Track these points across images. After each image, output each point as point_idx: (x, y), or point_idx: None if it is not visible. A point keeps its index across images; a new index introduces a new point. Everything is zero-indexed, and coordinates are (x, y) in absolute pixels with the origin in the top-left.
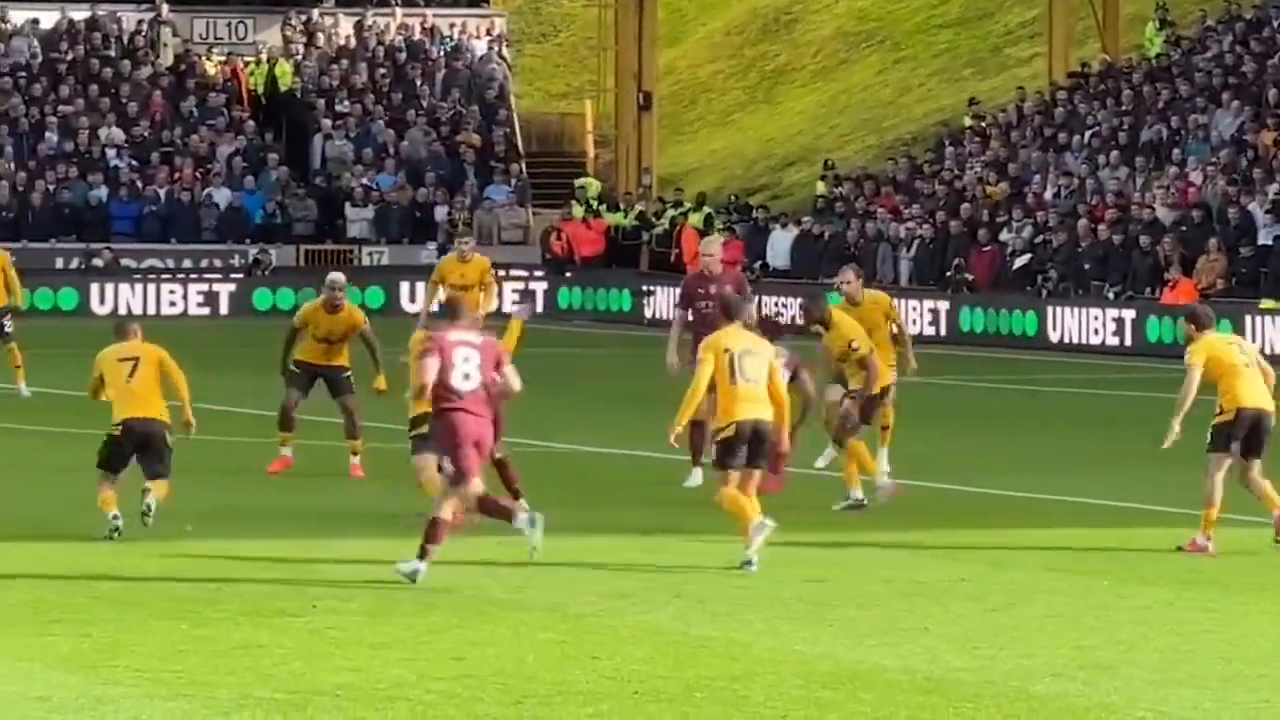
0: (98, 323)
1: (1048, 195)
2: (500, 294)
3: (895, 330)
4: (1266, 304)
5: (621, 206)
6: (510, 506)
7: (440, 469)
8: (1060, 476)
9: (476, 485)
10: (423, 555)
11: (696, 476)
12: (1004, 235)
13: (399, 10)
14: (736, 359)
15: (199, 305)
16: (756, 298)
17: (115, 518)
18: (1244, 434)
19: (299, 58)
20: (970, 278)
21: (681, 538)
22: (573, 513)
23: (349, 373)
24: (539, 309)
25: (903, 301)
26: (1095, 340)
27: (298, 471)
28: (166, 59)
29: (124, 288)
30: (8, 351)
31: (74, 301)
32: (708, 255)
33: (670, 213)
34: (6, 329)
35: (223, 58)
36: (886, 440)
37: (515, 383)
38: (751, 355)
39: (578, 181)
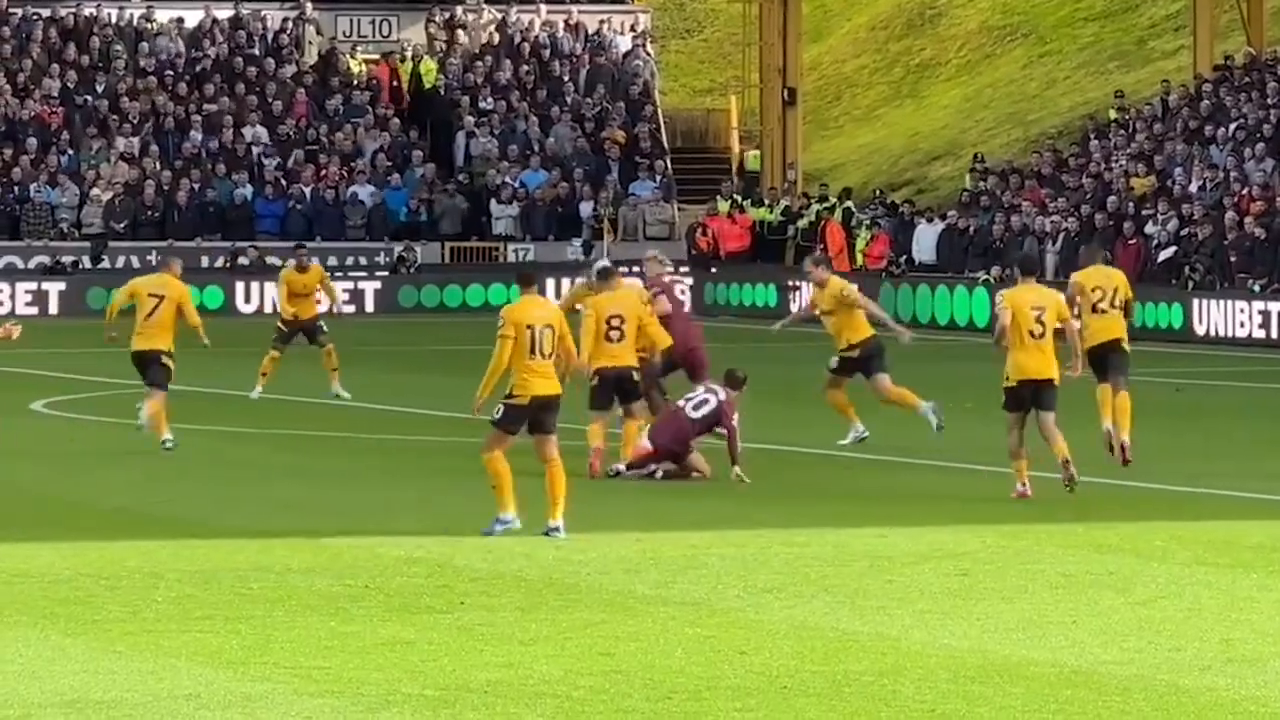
0: (243, 321)
1: (1193, 188)
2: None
3: None
4: None
5: (766, 202)
6: None
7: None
8: (1206, 470)
9: None
10: None
11: None
12: (1149, 228)
13: (543, 7)
14: (536, 334)
15: (344, 303)
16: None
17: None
18: (1029, 397)
19: (443, 55)
20: None
21: (825, 531)
22: (714, 506)
23: None
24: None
25: None
26: (1241, 333)
27: (445, 469)
28: (311, 57)
29: (269, 286)
30: (324, 354)
31: (219, 300)
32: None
33: (815, 208)
34: (323, 331)
35: (373, 57)
36: None
37: None
38: (550, 330)
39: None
